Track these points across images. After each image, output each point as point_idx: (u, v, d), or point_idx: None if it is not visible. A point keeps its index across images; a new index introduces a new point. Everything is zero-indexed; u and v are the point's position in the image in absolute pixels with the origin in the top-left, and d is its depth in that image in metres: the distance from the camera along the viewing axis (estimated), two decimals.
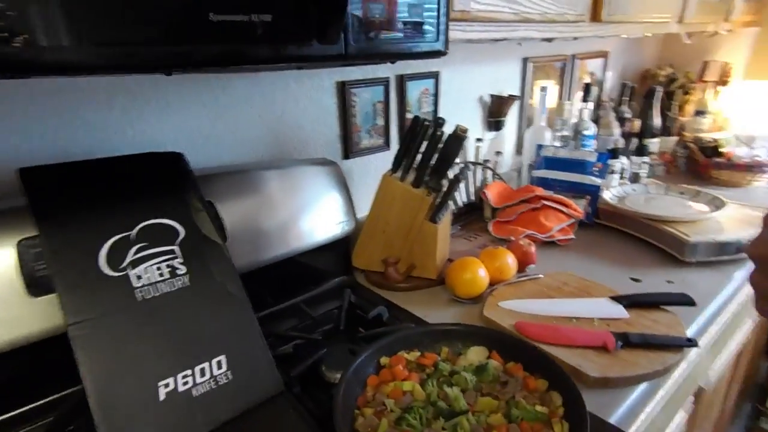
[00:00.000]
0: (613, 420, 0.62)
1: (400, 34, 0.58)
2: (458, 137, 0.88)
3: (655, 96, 1.75)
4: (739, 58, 1.99)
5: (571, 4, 0.94)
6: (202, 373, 0.59)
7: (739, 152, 1.73)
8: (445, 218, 0.99)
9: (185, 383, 0.58)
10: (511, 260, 0.96)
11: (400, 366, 0.62)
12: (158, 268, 0.62)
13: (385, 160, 1.15)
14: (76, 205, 0.60)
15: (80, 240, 0.59)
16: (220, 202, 0.77)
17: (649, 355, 0.72)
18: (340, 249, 0.97)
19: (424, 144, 0.91)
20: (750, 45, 1.97)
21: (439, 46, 0.64)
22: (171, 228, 0.66)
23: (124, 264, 0.60)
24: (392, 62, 0.65)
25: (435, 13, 0.62)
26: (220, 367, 0.61)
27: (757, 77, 1.96)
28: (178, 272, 0.63)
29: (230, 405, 0.60)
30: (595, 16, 1.03)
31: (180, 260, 0.64)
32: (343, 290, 0.89)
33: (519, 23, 0.85)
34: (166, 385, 0.57)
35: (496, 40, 0.88)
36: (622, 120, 1.73)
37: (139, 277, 0.60)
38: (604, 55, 1.83)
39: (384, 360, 0.64)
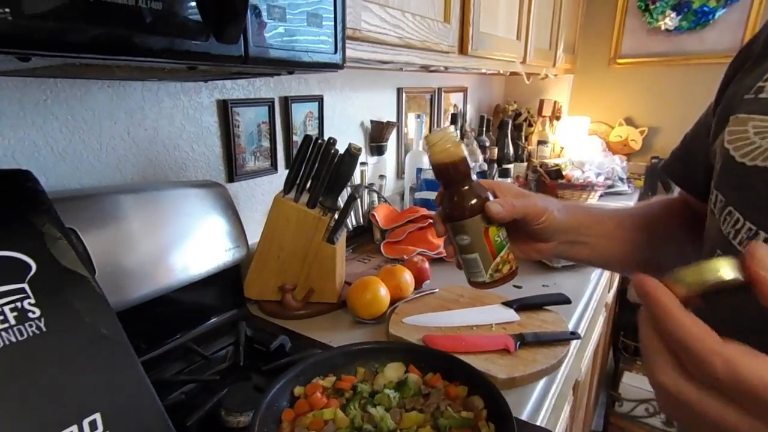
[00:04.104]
0: (523, 417, 0.65)
1: (302, 43, 0.56)
2: (352, 155, 0.87)
3: (507, 127, 2.00)
4: (563, 98, 2.38)
5: (444, 35, 1.03)
6: None
7: (575, 174, 2.05)
8: (341, 239, 0.97)
9: None
10: (408, 277, 0.97)
11: (317, 393, 0.56)
12: None
13: (272, 183, 1.10)
14: None
15: None
16: (83, 231, 0.64)
17: (543, 351, 0.77)
18: (230, 279, 0.88)
19: (317, 165, 0.89)
20: (568, 88, 2.38)
21: (337, 58, 0.63)
22: (16, 262, 0.52)
23: None
24: (290, 72, 0.62)
25: (332, 24, 0.61)
26: (94, 428, 0.49)
27: (576, 113, 2.37)
28: (30, 315, 0.50)
29: None
30: (463, 49, 1.14)
31: (31, 301, 0.51)
32: (236, 324, 0.80)
33: (403, 48, 0.90)
34: None
35: (384, 62, 0.91)
36: (482, 148, 1.92)
37: None
38: (463, 90, 2.03)
39: (298, 390, 0.58)
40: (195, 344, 0.77)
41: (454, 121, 1.69)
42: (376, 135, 1.44)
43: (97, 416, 0.50)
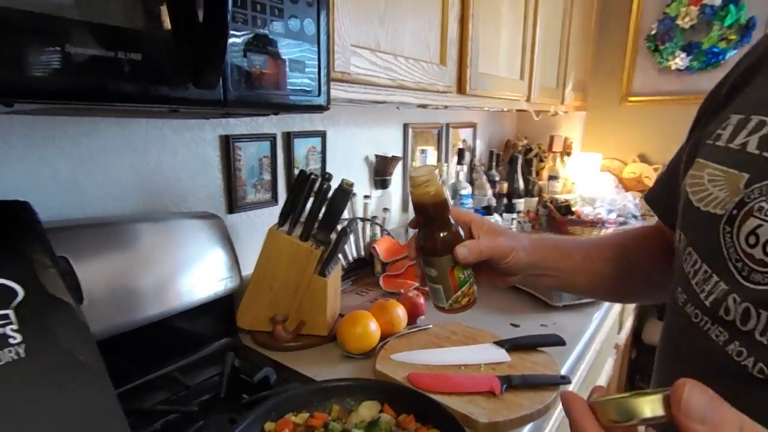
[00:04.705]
0: None
1: (283, 86, 0.59)
2: (344, 191, 0.90)
3: (517, 162, 2.00)
4: (575, 134, 2.38)
5: (439, 76, 1.05)
6: None
7: (586, 210, 2.02)
8: (335, 272, 0.98)
9: None
10: (401, 312, 0.97)
11: (286, 431, 0.56)
12: None
13: (272, 215, 1.12)
14: None
15: None
16: (78, 259, 0.67)
17: (530, 395, 0.75)
18: (222, 309, 0.90)
19: (312, 199, 0.92)
20: (581, 124, 2.38)
21: (321, 101, 0.66)
22: (4, 288, 0.55)
23: None
24: (275, 113, 0.65)
25: (316, 69, 0.64)
26: None
27: (589, 150, 2.35)
28: (11, 341, 0.52)
29: None
30: (461, 89, 1.16)
31: (14, 327, 0.53)
32: (225, 354, 0.81)
33: (395, 89, 0.92)
34: None
35: (377, 102, 0.94)
36: (492, 182, 1.93)
37: None
38: (473, 125, 2.05)
39: (269, 426, 0.58)
40: (183, 372, 0.78)
41: (461, 155, 1.71)
42: (381, 169, 1.47)
43: None
